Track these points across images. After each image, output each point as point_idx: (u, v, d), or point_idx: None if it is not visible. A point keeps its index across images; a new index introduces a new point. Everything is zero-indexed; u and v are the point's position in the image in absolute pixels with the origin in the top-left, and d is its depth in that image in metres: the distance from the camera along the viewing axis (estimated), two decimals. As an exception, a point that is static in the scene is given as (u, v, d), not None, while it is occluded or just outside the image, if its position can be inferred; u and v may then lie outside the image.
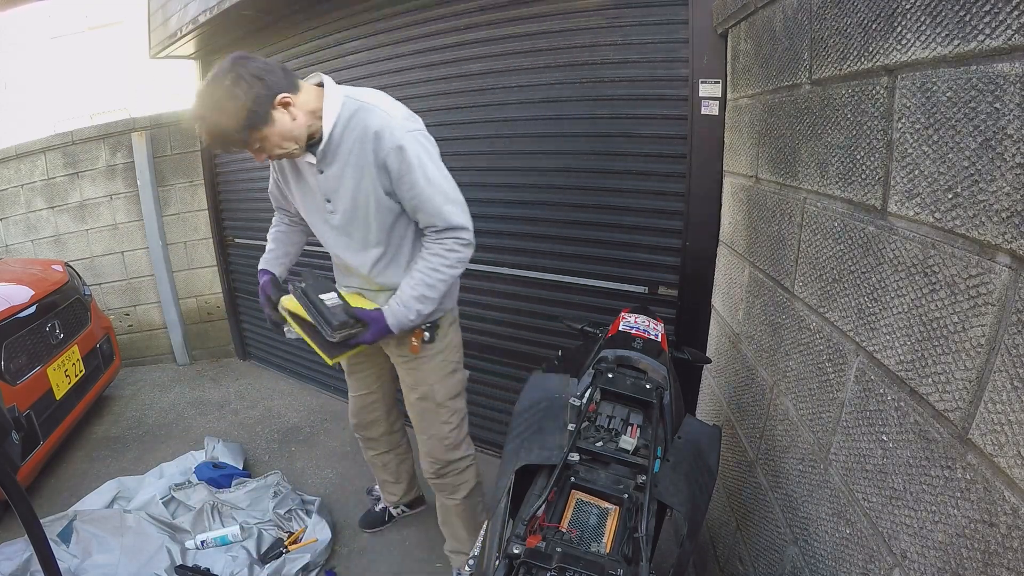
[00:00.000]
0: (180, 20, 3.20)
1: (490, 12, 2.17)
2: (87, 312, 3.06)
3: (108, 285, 3.99)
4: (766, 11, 1.28)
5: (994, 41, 0.60)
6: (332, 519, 2.13)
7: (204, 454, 2.52)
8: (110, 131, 3.77)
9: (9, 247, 3.99)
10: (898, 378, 0.79)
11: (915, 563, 0.74)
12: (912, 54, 0.74)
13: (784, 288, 1.22)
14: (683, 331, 1.95)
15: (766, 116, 1.33)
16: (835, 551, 0.97)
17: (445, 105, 2.38)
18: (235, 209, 3.74)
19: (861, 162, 0.89)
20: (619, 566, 0.81)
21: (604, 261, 2.11)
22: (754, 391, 1.40)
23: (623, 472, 1.00)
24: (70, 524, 1.94)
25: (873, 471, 0.85)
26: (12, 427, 1.00)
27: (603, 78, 1.96)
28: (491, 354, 2.54)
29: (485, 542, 0.94)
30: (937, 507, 0.70)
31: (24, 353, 2.38)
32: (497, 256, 2.38)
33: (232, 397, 3.45)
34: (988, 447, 0.62)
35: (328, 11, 2.73)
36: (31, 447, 2.27)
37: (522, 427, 1.09)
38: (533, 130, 2.16)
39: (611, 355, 1.25)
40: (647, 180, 1.96)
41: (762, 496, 1.32)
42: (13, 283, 2.63)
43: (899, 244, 0.79)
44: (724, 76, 1.68)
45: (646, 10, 1.83)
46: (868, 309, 0.87)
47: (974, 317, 0.64)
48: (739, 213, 1.56)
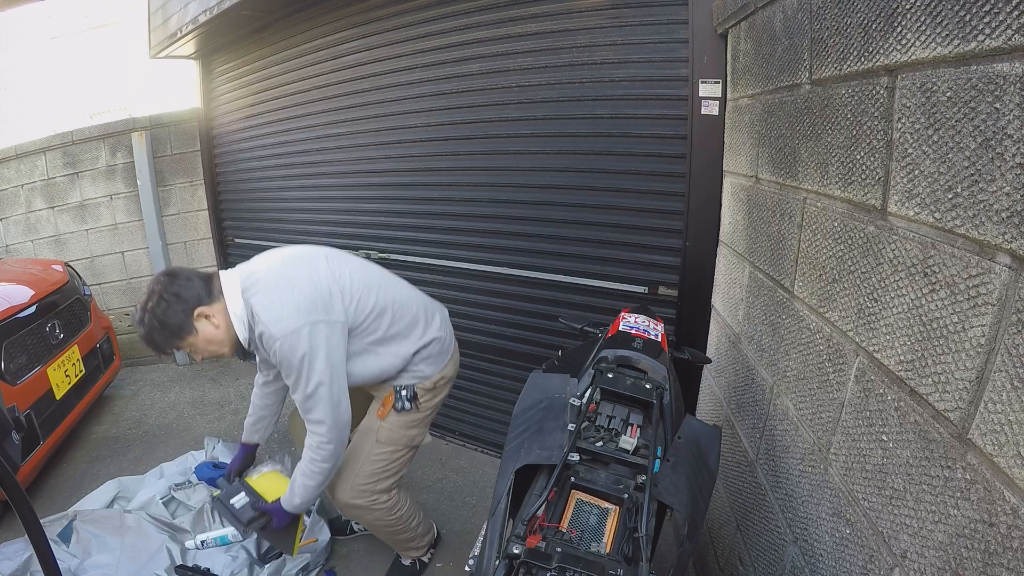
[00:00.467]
0: (180, 20, 3.20)
1: (490, 12, 2.17)
2: (87, 312, 3.06)
3: (108, 285, 3.99)
4: (766, 11, 1.28)
5: (994, 41, 0.60)
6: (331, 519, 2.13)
7: (204, 454, 2.51)
8: (110, 131, 3.77)
9: (9, 247, 3.99)
10: (898, 378, 0.79)
11: (915, 563, 0.74)
12: (912, 54, 0.74)
13: (784, 288, 1.22)
14: (683, 331, 1.95)
15: (766, 116, 1.33)
16: (835, 551, 0.97)
17: (445, 105, 2.38)
18: (235, 209, 3.74)
19: (861, 162, 0.89)
20: (619, 566, 0.81)
21: (604, 261, 2.11)
22: (754, 391, 1.40)
23: (623, 472, 1.00)
24: (70, 524, 1.93)
25: (873, 471, 0.85)
26: (12, 427, 1.00)
27: (603, 78, 1.96)
28: (491, 354, 2.54)
29: (485, 542, 0.94)
30: (937, 507, 0.70)
31: (24, 353, 2.37)
32: (497, 256, 2.38)
33: (232, 397, 3.45)
34: (988, 447, 0.62)
35: (328, 11, 2.73)
36: (31, 447, 2.26)
37: (522, 427, 1.09)
38: (533, 130, 2.16)
39: (611, 355, 1.25)
40: (647, 180, 1.95)
41: (762, 496, 1.32)
42: (13, 283, 2.63)
43: (899, 244, 0.79)
44: (724, 76, 1.68)
45: (646, 10, 1.83)
46: (868, 309, 0.87)
47: (974, 317, 0.64)
48: (739, 213, 1.56)
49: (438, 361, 1.62)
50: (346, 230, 2.98)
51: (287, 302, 1.33)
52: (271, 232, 3.47)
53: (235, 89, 3.49)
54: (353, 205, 2.91)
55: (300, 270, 1.40)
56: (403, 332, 1.53)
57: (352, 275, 1.46)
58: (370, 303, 1.46)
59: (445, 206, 2.49)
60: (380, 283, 1.52)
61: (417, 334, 1.56)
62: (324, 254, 1.49)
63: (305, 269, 1.41)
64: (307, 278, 1.38)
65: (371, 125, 2.70)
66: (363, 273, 1.51)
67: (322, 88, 2.89)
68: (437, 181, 2.49)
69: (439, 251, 2.58)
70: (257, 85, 3.30)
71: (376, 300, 1.47)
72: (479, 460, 2.64)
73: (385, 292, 1.51)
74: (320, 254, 1.48)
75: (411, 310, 1.57)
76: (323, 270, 1.42)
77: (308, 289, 1.36)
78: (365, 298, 1.45)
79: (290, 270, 1.40)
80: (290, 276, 1.38)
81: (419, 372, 1.59)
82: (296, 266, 1.42)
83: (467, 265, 2.49)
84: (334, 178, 2.97)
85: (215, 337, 1.38)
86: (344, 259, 1.52)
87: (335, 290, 1.40)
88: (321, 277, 1.40)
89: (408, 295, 1.61)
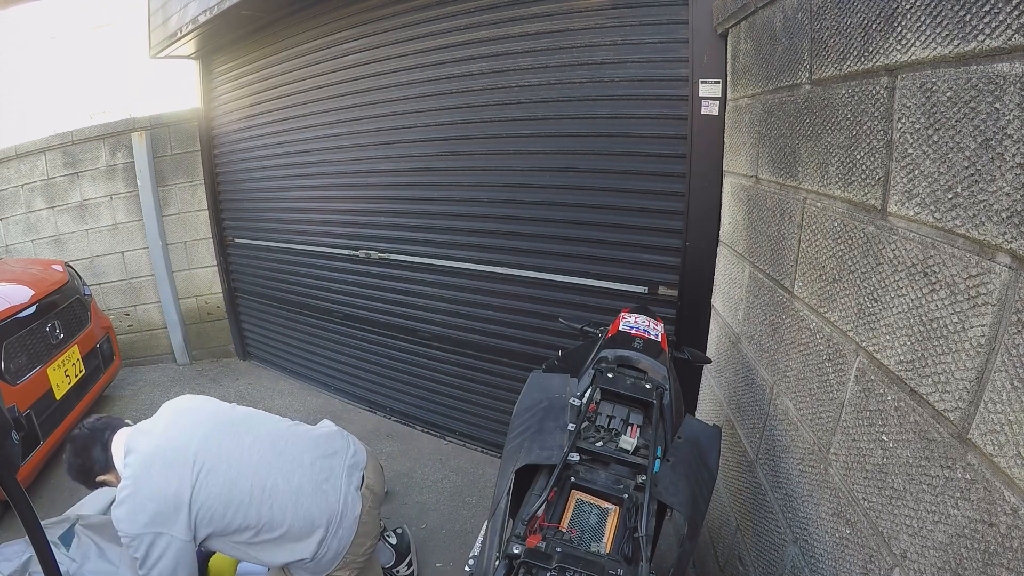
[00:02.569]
0: (180, 20, 3.20)
1: (490, 12, 2.17)
2: (87, 312, 3.06)
3: (108, 285, 3.99)
4: (766, 11, 1.28)
5: (994, 41, 0.60)
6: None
7: (204, 454, 2.52)
8: (110, 131, 3.77)
9: (9, 247, 3.99)
10: (898, 378, 0.79)
11: (915, 563, 0.74)
12: (912, 54, 0.74)
13: (784, 288, 1.22)
14: (683, 331, 1.95)
15: (766, 116, 1.33)
16: (835, 551, 0.97)
17: (445, 105, 2.38)
18: (235, 209, 3.74)
19: (861, 162, 0.89)
20: (619, 566, 0.81)
21: (604, 261, 2.11)
22: (754, 391, 1.40)
23: (623, 472, 1.00)
24: (72, 528, 1.93)
25: (873, 471, 0.85)
26: (12, 427, 1.00)
27: (603, 78, 1.96)
28: (491, 354, 2.54)
29: (485, 542, 0.94)
30: (937, 507, 0.70)
31: (24, 353, 2.37)
32: (497, 256, 2.38)
33: (232, 397, 3.43)
34: (988, 447, 0.62)
35: (328, 11, 2.73)
36: (31, 447, 2.27)
37: (522, 427, 1.09)
38: (533, 130, 2.16)
39: (611, 355, 1.25)
40: (647, 180, 1.95)
41: (762, 496, 1.32)
42: (13, 283, 2.63)
43: (899, 244, 0.79)
44: (724, 76, 1.68)
45: (646, 10, 1.83)
46: (868, 309, 0.87)
47: (974, 317, 0.64)
48: (739, 213, 1.56)
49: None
50: (346, 230, 2.98)
51: (136, 509, 1.34)
52: (271, 232, 3.47)
53: (235, 89, 3.49)
54: (353, 205, 2.91)
55: (155, 475, 1.36)
56: (272, 544, 1.44)
57: (217, 493, 1.38)
58: (227, 520, 1.39)
59: (445, 206, 2.49)
60: (249, 498, 1.40)
61: (285, 552, 1.44)
62: (195, 460, 1.39)
63: (162, 473, 1.37)
64: (157, 487, 1.35)
65: (371, 125, 2.70)
66: (231, 489, 1.39)
67: (322, 88, 2.89)
68: (437, 181, 2.49)
69: (439, 251, 2.58)
70: (257, 85, 3.30)
71: (235, 518, 1.39)
72: (479, 460, 2.64)
73: (252, 510, 1.39)
74: (191, 459, 1.40)
75: (283, 524, 1.42)
76: (185, 478, 1.37)
77: (156, 499, 1.34)
78: (221, 516, 1.38)
79: (149, 471, 1.37)
80: (145, 478, 1.37)
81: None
82: (152, 470, 1.37)
83: (467, 265, 2.49)
84: (334, 178, 2.97)
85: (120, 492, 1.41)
86: (217, 466, 1.41)
87: (183, 506, 1.35)
88: (171, 490, 1.35)
89: (287, 505, 1.43)
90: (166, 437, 1.45)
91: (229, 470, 1.41)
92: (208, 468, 1.39)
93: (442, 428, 2.85)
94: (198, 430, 1.47)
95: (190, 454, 1.40)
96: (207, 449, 1.43)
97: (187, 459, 1.39)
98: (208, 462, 1.40)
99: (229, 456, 1.44)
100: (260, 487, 1.42)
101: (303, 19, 2.88)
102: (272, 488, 1.42)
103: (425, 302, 2.72)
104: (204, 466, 1.39)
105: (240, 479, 1.41)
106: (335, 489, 1.49)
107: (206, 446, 1.43)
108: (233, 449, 1.45)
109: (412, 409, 2.96)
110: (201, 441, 1.44)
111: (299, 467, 1.48)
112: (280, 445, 1.52)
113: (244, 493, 1.40)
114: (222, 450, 1.44)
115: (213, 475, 1.39)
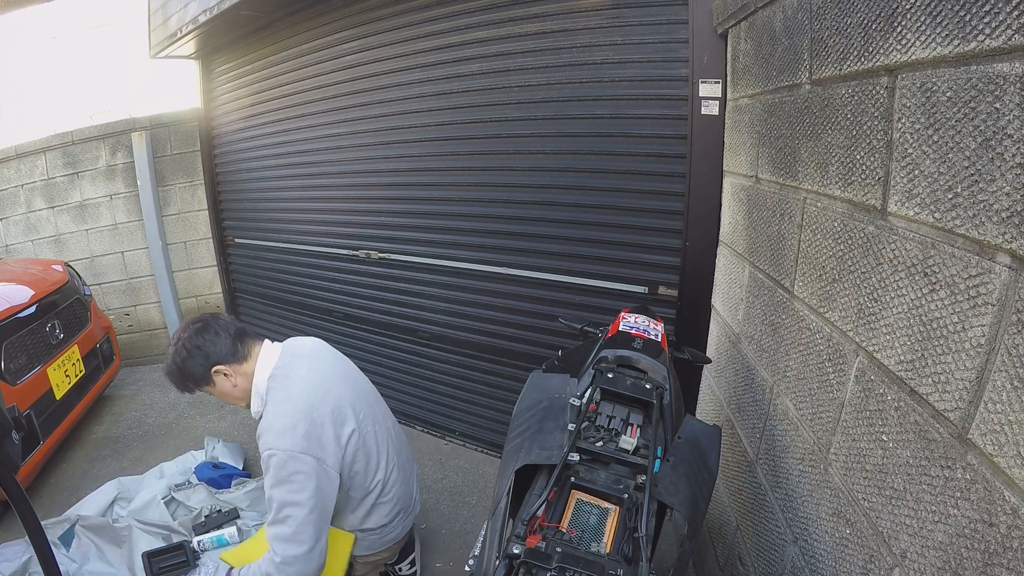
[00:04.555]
0: (180, 20, 3.20)
1: (490, 12, 2.17)
2: (87, 312, 3.05)
3: (108, 285, 3.99)
4: (766, 11, 1.28)
5: (994, 41, 0.60)
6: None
7: (204, 454, 2.52)
8: (110, 131, 3.77)
9: (9, 247, 3.99)
10: (898, 378, 0.79)
11: (915, 563, 0.74)
12: (912, 54, 0.74)
13: (784, 288, 1.22)
14: (683, 331, 1.95)
15: (766, 116, 1.33)
16: (835, 551, 0.97)
17: (445, 105, 2.38)
18: (235, 209, 3.74)
19: (861, 162, 0.89)
20: (619, 566, 0.81)
21: (604, 261, 2.11)
22: (754, 391, 1.40)
23: (623, 472, 1.00)
24: (72, 528, 1.94)
25: (873, 471, 0.85)
26: (12, 427, 1.00)
27: (603, 78, 1.96)
28: (491, 354, 2.54)
29: (485, 542, 0.94)
30: (937, 507, 0.70)
31: (24, 353, 2.37)
32: (497, 256, 2.38)
33: (232, 397, 3.45)
34: (988, 447, 0.62)
35: (328, 11, 2.73)
36: (31, 447, 2.27)
37: (522, 427, 1.09)
38: (533, 130, 2.16)
39: (611, 355, 1.25)
40: (647, 180, 1.95)
41: (762, 496, 1.32)
42: (13, 283, 2.63)
43: (899, 244, 0.79)
44: (724, 76, 1.68)
45: (646, 10, 1.83)
46: (868, 309, 0.87)
47: (974, 317, 0.64)
48: (739, 213, 1.56)
49: (373, 546, 1.58)
50: (346, 230, 2.98)
51: (288, 413, 1.32)
52: (271, 232, 3.47)
53: (235, 89, 3.49)
54: (353, 205, 2.91)
55: (327, 401, 1.38)
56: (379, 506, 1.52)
57: (368, 445, 1.47)
58: (366, 472, 1.46)
59: (445, 206, 2.49)
60: (387, 459, 1.53)
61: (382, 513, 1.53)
62: (353, 408, 1.45)
63: (332, 402, 1.39)
64: (328, 412, 1.37)
65: (371, 125, 2.70)
66: (377, 446, 1.50)
67: (322, 88, 2.89)
68: (437, 181, 2.49)
69: (439, 251, 2.58)
70: (257, 85, 3.30)
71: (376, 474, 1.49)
72: (479, 460, 2.64)
73: (380, 473, 1.50)
74: (364, 399, 1.52)
75: (394, 498, 1.54)
76: (350, 420, 1.41)
77: (317, 422, 1.34)
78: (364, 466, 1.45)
79: (318, 394, 1.38)
80: (313, 400, 1.36)
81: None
82: (326, 395, 1.39)
83: (467, 265, 2.49)
84: (334, 178, 2.97)
85: (231, 393, 1.42)
86: (368, 423, 1.50)
87: (341, 442, 1.38)
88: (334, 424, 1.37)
89: (398, 481, 1.57)
90: (339, 365, 1.54)
91: (377, 431, 1.53)
92: (364, 415, 1.49)
93: (442, 428, 2.85)
94: (348, 383, 1.52)
95: (348, 402, 1.46)
96: (360, 400, 1.51)
97: (347, 406, 1.45)
98: (363, 412, 1.50)
99: (375, 418, 1.54)
100: (390, 456, 1.56)
101: (303, 19, 2.88)
102: (395, 462, 1.58)
103: (425, 302, 2.72)
104: (361, 415, 1.48)
105: (381, 443, 1.53)
106: (415, 487, 1.73)
107: (360, 398, 1.52)
108: (379, 416, 1.58)
109: (412, 409, 2.96)
110: (355, 394, 1.51)
111: (405, 454, 1.67)
112: (394, 429, 1.67)
113: (383, 454, 1.53)
114: (373, 411, 1.55)
115: (366, 424, 1.49)
